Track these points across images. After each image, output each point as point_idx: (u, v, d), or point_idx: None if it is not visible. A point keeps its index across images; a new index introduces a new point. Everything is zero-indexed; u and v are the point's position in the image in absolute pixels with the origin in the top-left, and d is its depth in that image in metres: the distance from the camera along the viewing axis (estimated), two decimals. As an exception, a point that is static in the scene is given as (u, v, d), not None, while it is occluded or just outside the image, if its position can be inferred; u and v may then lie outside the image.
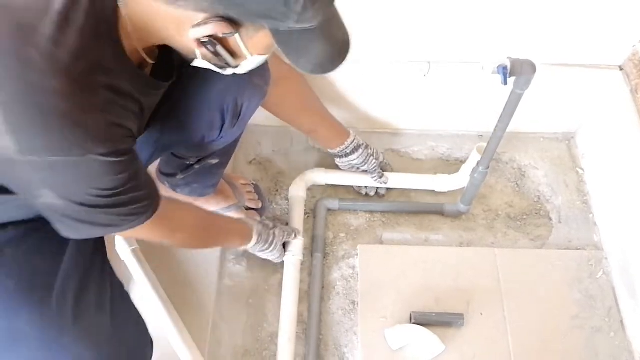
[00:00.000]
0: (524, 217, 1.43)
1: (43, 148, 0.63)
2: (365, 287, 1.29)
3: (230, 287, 1.30)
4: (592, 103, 1.41)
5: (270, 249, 1.22)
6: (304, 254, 1.31)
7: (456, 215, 1.43)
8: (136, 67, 0.74)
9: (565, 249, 1.37)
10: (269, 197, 1.44)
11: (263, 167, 1.51)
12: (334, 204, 1.42)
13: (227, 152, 1.19)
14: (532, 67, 0.98)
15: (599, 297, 1.29)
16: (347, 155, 1.35)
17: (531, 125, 1.51)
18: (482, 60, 0.99)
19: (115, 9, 0.67)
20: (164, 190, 1.25)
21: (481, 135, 1.51)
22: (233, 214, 1.32)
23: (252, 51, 0.72)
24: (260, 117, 1.17)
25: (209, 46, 0.69)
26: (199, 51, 0.71)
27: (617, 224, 1.33)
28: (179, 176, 1.17)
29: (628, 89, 1.28)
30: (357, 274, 1.32)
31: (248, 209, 1.36)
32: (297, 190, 1.40)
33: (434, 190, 1.44)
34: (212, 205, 1.30)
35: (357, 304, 1.28)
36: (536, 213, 1.44)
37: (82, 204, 0.72)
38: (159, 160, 1.19)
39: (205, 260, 1.30)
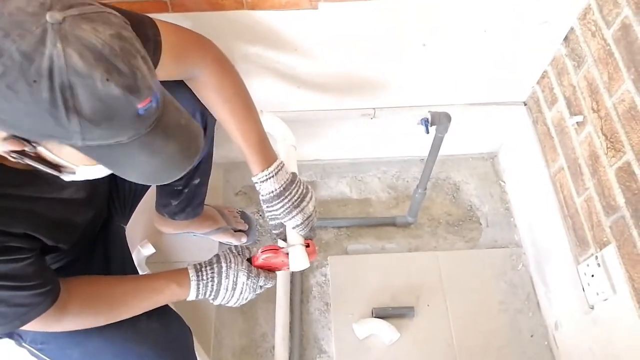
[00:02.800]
0: (460, 223, 1.59)
1: None
2: (336, 290, 1.43)
3: (227, 298, 1.44)
4: (507, 129, 1.57)
5: (227, 302, 0.95)
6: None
7: (406, 225, 1.57)
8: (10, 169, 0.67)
9: (492, 248, 1.52)
10: (256, 221, 1.56)
11: (248, 196, 1.63)
12: (307, 223, 1.56)
13: (205, 171, 1.19)
14: (448, 117, 1.14)
15: (519, 285, 1.45)
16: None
17: (462, 148, 1.67)
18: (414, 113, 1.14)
19: None
20: (163, 223, 1.37)
21: (422, 159, 1.67)
22: (220, 236, 1.44)
23: (73, 163, 0.63)
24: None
25: (24, 159, 0.61)
26: (25, 161, 0.62)
27: (531, 225, 1.48)
28: (174, 203, 1.23)
29: (530, 120, 1.45)
30: (329, 280, 1.45)
31: (237, 230, 1.49)
32: None
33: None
34: (203, 228, 1.42)
35: (330, 304, 1.42)
36: (469, 219, 1.59)
37: None
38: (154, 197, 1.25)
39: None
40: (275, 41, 1.19)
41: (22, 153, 0.60)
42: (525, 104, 1.47)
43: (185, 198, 1.23)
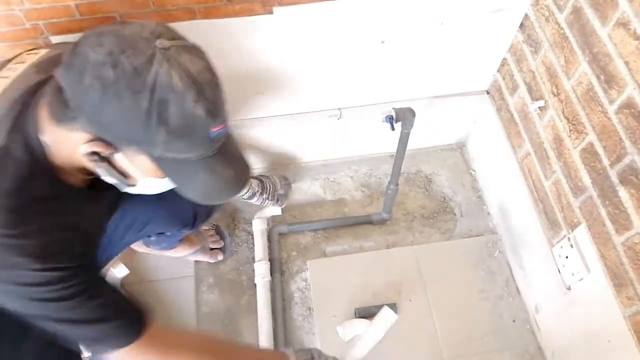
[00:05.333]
0: (435, 215, 1.59)
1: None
2: (317, 294, 1.41)
3: (207, 313, 1.40)
4: (473, 119, 1.58)
5: None
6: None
7: (382, 222, 1.56)
8: (70, 187, 0.72)
9: (468, 237, 1.52)
10: (229, 231, 1.53)
11: (221, 208, 1.61)
12: (284, 228, 1.52)
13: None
14: (412, 112, 1.13)
15: (498, 272, 1.45)
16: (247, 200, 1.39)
17: (430, 141, 1.67)
18: (377, 112, 1.14)
19: (41, 149, 0.68)
20: (137, 245, 1.34)
21: (392, 155, 1.65)
22: (199, 257, 1.42)
23: (141, 173, 0.70)
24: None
25: (100, 163, 0.67)
26: (98, 170, 0.69)
27: (503, 212, 1.49)
28: (153, 238, 1.23)
29: (494, 108, 1.46)
30: (310, 285, 1.43)
31: (212, 249, 1.47)
32: (259, 224, 1.49)
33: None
34: (179, 252, 1.39)
35: (313, 309, 1.40)
36: (443, 211, 1.59)
37: (49, 318, 0.69)
38: None
39: (183, 294, 1.40)
40: (232, 49, 1.17)
41: (100, 157, 0.66)
42: (488, 93, 1.48)
43: (165, 238, 1.23)
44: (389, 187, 1.41)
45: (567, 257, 1.14)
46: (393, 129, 1.11)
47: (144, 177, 0.71)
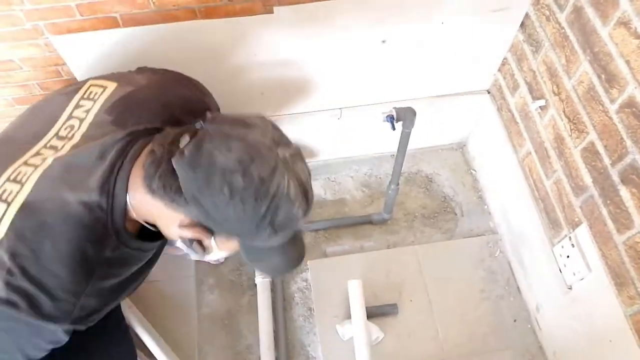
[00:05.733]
0: (435, 215, 1.59)
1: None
2: (318, 294, 1.41)
3: (208, 313, 1.40)
4: (473, 119, 1.57)
5: None
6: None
7: (382, 222, 1.56)
8: (130, 235, 0.78)
9: (469, 237, 1.52)
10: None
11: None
12: (284, 228, 1.53)
13: None
14: (412, 112, 1.13)
15: (499, 272, 1.45)
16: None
17: (431, 140, 1.66)
18: (378, 112, 1.14)
19: (121, 214, 0.75)
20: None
21: (393, 155, 1.65)
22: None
23: (221, 250, 0.78)
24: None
25: (187, 242, 0.75)
26: (181, 245, 0.78)
27: (504, 211, 1.49)
28: None
29: (495, 108, 1.45)
30: (310, 285, 1.43)
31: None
32: None
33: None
34: (179, 250, 1.39)
35: (313, 309, 1.39)
36: (444, 210, 1.59)
37: None
38: None
39: (184, 295, 1.40)
40: (232, 49, 1.16)
41: (191, 240, 0.74)
42: (489, 92, 1.48)
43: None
44: (389, 187, 1.41)
45: (568, 256, 1.14)
46: (394, 128, 1.11)
47: (219, 252, 0.78)
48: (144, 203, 0.73)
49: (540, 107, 1.20)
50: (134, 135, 0.78)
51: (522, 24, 1.24)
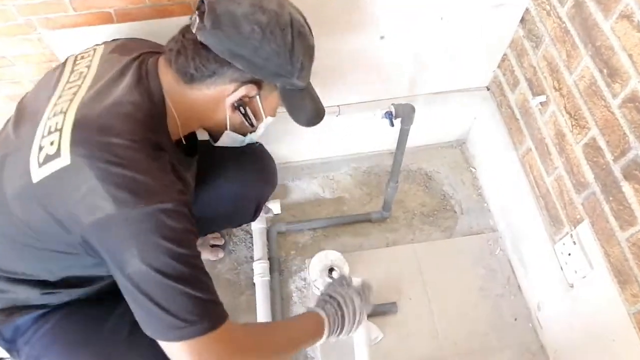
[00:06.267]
0: (435, 212, 1.57)
1: (132, 198, 0.67)
2: (316, 294, 1.40)
3: (205, 313, 1.39)
4: (473, 116, 1.56)
5: (349, 332, 0.95)
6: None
7: (381, 220, 1.55)
8: (178, 150, 0.82)
9: (469, 235, 1.50)
10: (226, 232, 1.52)
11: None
12: (282, 227, 1.50)
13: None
14: (412, 109, 1.11)
15: (499, 270, 1.44)
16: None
17: (430, 138, 1.65)
18: (376, 108, 1.11)
19: (163, 106, 0.77)
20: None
21: (392, 153, 1.64)
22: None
23: (266, 112, 0.85)
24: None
25: (241, 108, 0.81)
26: (229, 120, 0.83)
27: (504, 209, 1.47)
28: None
29: (495, 105, 1.44)
30: (309, 284, 1.42)
31: (213, 245, 1.45)
32: (259, 223, 1.47)
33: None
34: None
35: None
36: (443, 208, 1.58)
37: (158, 271, 0.67)
38: None
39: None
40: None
41: (245, 101, 0.81)
42: (489, 89, 1.46)
43: None
44: (388, 185, 1.39)
45: (569, 254, 1.12)
46: (392, 125, 1.09)
47: (265, 117, 0.86)
48: (186, 102, 0.78)
49: (540, 103, 1.19)
50: (144, 54, 0.83)
51: (522, 19, 1.23)
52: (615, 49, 0.92)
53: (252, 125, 0.85)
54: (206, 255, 1.43)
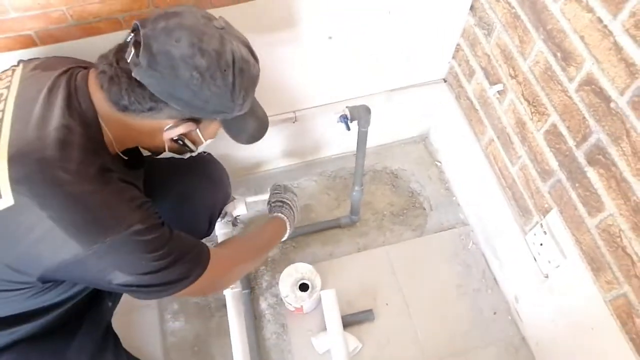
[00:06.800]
0: (404, 211, 1.53)
1: (98, 234, 0.67)
2: (290, 309, 1.34)
3: (175, 343, 1.31)
4: (433, 109, 1.52)
5: (295, 221, 1.16)
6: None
7: (351, 225, 1.50)
8: (122, 165, 0.80)
9: (440, 231, 1.47)
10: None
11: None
12: (249, 242, 1.45)
13: None
14: (367, 110, 1.06)
15: (473, 264, 1.40)
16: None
17: (392, 135, 1.61)
18: (331, 112, 1.07)
19: (98, 126, 0.74)
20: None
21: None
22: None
23: (206, 137, 0.83)
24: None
25: (179, 142, 0.80)
26: (167, 146, 0.81)
27: (473, 202, 1.44)
28: None
29: (453, 96, 1.40)
30: (281, 300, 1.36)
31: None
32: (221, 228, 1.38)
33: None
34: None
35: (286, 325, 1.32)
36: (412, 206, 1.53)
37: (148, 273, 0.72)
38: None
39: (146, 326, 1.30)
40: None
41: (184, 135, 0.79)
42: (445, 81, 1.43)
43: None
44: (353, 189, 1.34)
45: (541, 244, 1.09)
46: (349, 129, 1.05)
47: (205, 141, 0.83)
48: (120, 124, 0.75)
49: (498, 92, 1.16)
50: (71, 68, 0.79)
51: (472, 7, 1.19)
52: (566, 32, 0.89)
53: (191, 150, 0.85)
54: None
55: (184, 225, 1.05)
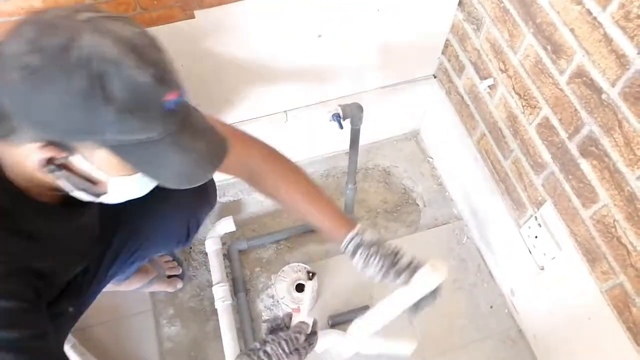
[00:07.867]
0: (398, 208, 1.53)
1: None
2: (287, 309, 1.34)
3: (171, 348, 1.29)
4: (423, 105, 1.52)
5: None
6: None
7: (345, 223, 1.50)
8: (38, 204, 0.66)
9: (434, 227, 1.47)
10: (184, 256, 1.43)
11: (211, 209, 1.47)
12: (243, 244, 1.42)
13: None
14: (359, 108, 1.06)
15: (468, 259, 1.41)
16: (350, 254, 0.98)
17: (384, 133, 1.61)
18: (323, 110, 1.06)
19: None
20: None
21: (348, 152, 1.59)
22: (156, 287, 1.31)
23: (106, 172, 0.61)
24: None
25: (58, 173, 0.59)
26: (59, 182, 0.61)
27: (466, 196, 1.44)
28: None
29: (443, 92, 1.41)
30: (278, 301, 1.35)
31: (170, 276, 1.36)
32: (213, 245, 1.38)
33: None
34: (134, 284, 1.28)
35: (283, 326, 1.32)
36: (406, 202, 1.54)
37: None
38: None
39: (142, 332, 1.29)
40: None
41: (57, 165, 0.58)
42: (435, 77, 1.43)
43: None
44: (347, 187, 1.34)
45: (536, 236, 1.10)
46: (341, 127, 1.04)
47: (111, 178, 0.62)
48: (8, 157, 0.61)
49: (489, 86, 1.16)
50: None
51: (460, 3, 1.19)
52: (556, 25, 0.89)
53: (93, 191, 0.64)
54: (164, 288, 1.33)
55: (160, 225, 1.01)
